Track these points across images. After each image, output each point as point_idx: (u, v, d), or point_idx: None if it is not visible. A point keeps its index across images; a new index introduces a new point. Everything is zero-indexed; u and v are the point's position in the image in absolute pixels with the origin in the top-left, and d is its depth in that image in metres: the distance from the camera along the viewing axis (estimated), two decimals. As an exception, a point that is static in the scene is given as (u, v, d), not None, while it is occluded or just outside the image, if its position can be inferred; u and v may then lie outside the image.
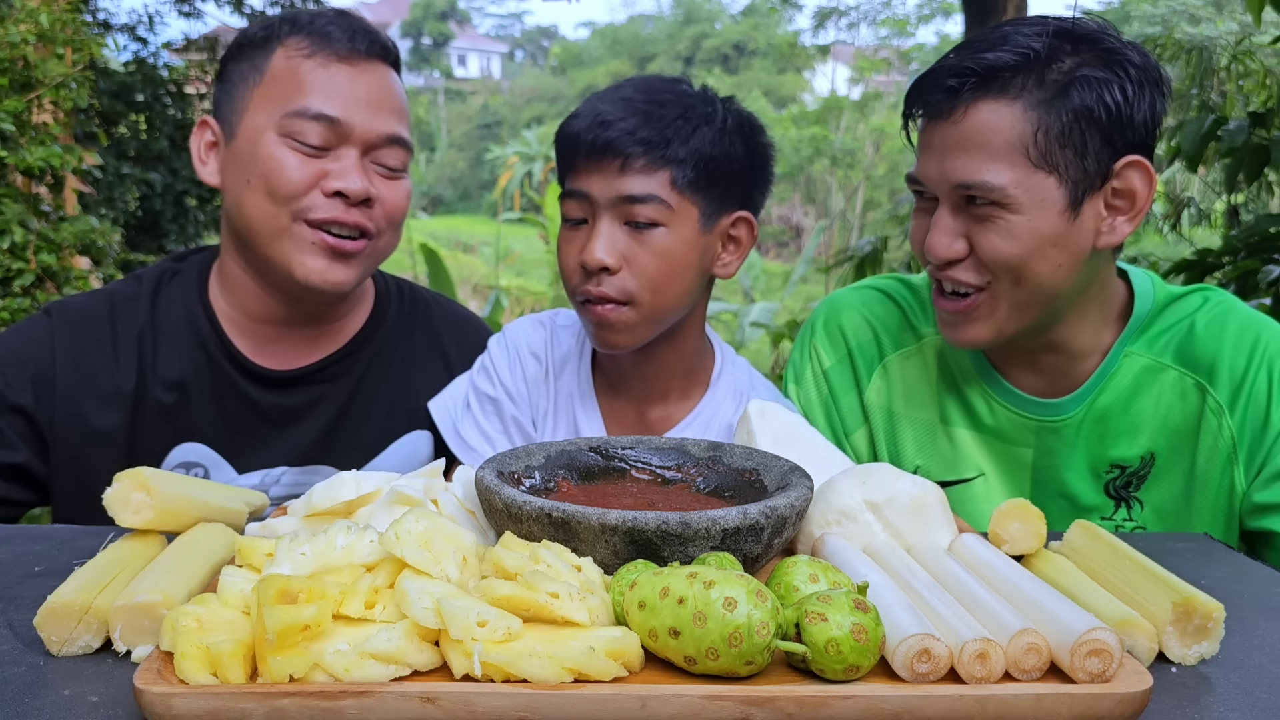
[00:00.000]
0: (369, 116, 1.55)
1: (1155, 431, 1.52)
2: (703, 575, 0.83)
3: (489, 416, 1.65)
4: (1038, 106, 1.35)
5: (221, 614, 0.84)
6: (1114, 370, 1.52)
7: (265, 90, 1.56)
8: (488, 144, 35.37)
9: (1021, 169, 1.36)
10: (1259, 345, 1.48)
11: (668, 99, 1.50)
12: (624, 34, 45.17)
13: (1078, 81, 1.34)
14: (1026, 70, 1.35)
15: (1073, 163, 1.36)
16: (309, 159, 1.53)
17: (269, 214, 1.54)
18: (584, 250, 1.49)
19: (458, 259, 18.69)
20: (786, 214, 25.52)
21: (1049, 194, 1.37)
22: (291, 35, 1.57)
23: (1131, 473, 1.54)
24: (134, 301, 1.65)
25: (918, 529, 1.08)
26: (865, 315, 1.70)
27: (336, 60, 1.56)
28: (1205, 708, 0.86)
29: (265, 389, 1.65)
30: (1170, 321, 1.53)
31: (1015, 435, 1.58)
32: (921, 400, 1.65)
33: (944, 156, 1.40)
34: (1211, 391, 1.49)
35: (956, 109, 1.38)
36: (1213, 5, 16.57)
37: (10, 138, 3.76)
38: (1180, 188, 7.67)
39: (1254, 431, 1.46)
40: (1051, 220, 1.37)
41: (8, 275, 3.71)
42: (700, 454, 1.21)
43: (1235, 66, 5.20)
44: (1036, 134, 1.34)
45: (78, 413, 1.58)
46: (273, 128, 1.54)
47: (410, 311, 1.81)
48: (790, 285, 12.86)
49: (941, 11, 30.81)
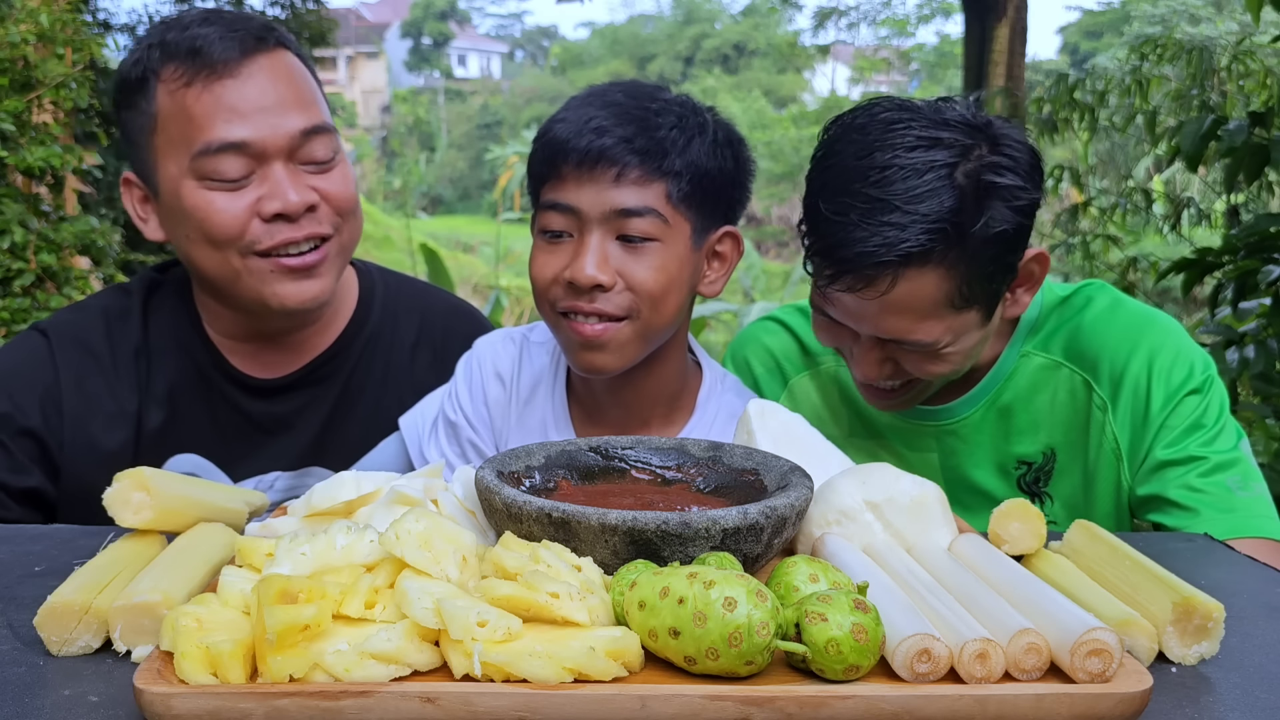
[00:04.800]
0: (275, 121, 1.46)
1: (1052, 428, 1.56)
2: (703, 575, 0.83)
3: (450, 441, 1.59)
4: (958, 264, 1.35)
5: (221, 614, 0.84)
6: (1012, 370, 1.56)
7: (163, 136, 1.48)
8: (488, 144, 35.37)
9: (948, 318, 1.39)
10: (1142, 339, 1.50)
11: (660, 106, 1.42)
12: (624, 34, 45.18)
13: (991, 233, 1.34)
14: (945, 242, 1.33)
15: (989, 290, 1.40)
16: (235, 193, 1.46)
17: (219, 261, 1.49)
18: (571, 267, 1.39)
19: (458, 259, 18.69)
20: (786, 214, 25.51)
21: (970, 322, 1.42)
22: (165, 64, 1.47)
23: (1038, 468, 1.58)
24: (127, 318, 1.62)
25: (918, 529, 1.08)
26: (766, 344, 1.75)
27: (217, 78, 1.45)
28: (1205, 708, 0.86)
29: (255, 397, 1.64)
30: (1062, 320, 1.57)
31: (918, 441, 1.63)
32: (826, 418, 1.70)
33: (866, 320, 1.40)
34: (1096, 388, 1.52)
35: (878, 288, 1.35)
36: (1213, 5, 16.57)
37: (10, 138, 3.76)
38: (1180, 188, 7.67)
39: (1135, 426, 1.49)
40: (974, 337, 1.45)
41: (8, 275, 3.71)
42: (700, 454, 1.21)
43: (1235, 66, 5.20)
44: (960, 287, 1.37)
45: (86, 435, 1.56)
46: (187, 174, 1.46)
47: (395, 301, 1.76)
48: (790, 285, 12.88)
49: (941, 11, 30.83)
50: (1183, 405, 1.47)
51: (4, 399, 1.54)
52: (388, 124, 41.37)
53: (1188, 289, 3.69)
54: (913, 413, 1.60)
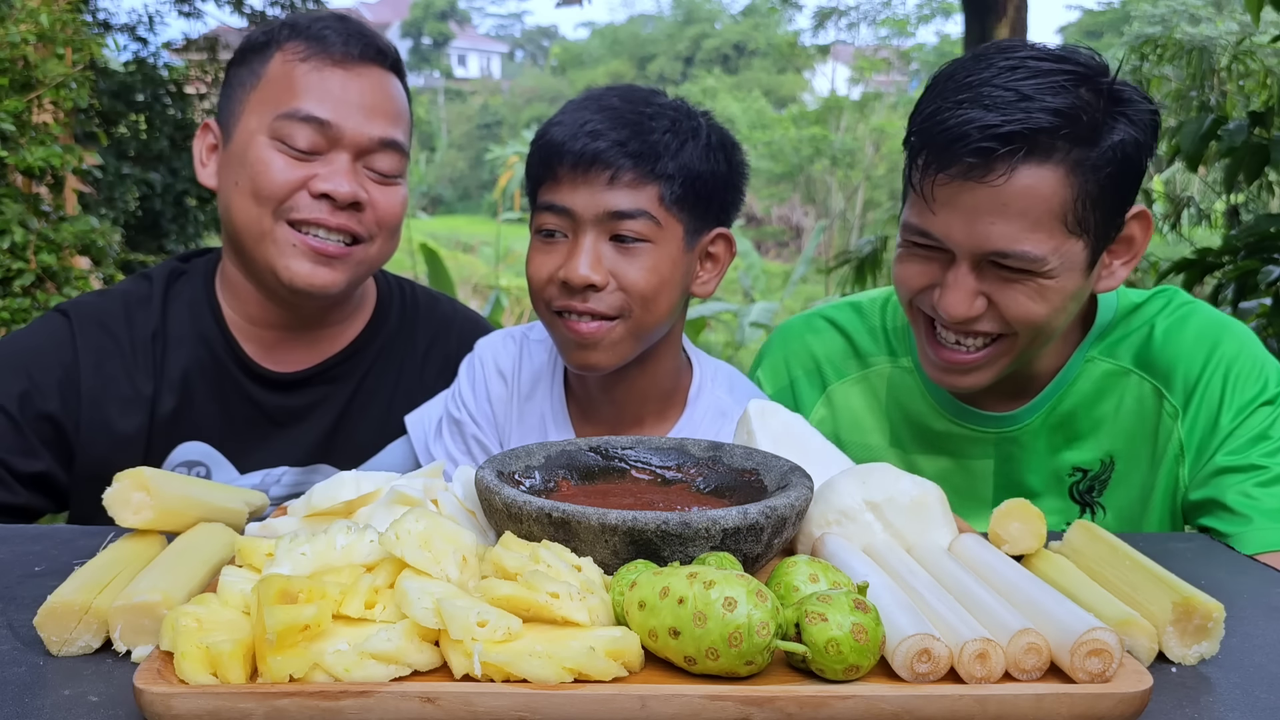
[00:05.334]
0: (361, 120, 1.54)
1: (1114, 435, 1.53)
2: (703, 575, 0.83)
3: (454, 439, 1.62)
4: (1078, 171, 1.30)
5: (221, 614, 0.84)
6: (1075, 376, 1.53)
7: (261, 94, 1.56)
8: (488, 144, 35.36)
9: (1058, 237, 1.32)
10: (1217, 348, 1.48)
11: (654, 110, 1.45)
12: (624, 34, 45.18)
13: (1116, 143, 1.31)
14: (1070, 133, 1.28)
15: (1100, 224, 1.35)
16: (297, 162, 1.53)
17: (253, 216, 1.54)
18: (565, 267, 1.43)
19: (458, 259, 18.69)
20: (786, 214, 25.53)
21: (1077, 257, 1.35)
22: (290, 40, 1.57)
23: (1093, 477, 1.55)
24: (146, 304, 1.65)
25: (918, 529, 1.08)
26: (809, 345, 1.69)
27: (331, 64, 1.55)
28: (1205, 708, 0.86)
29: (268, 390, 1.66)
30: (1132, 326, 1.53)
31: (974, 450, 1.58)
32: (868, 427, 1.65)
33: (975, 220, 1.32)
34: (1168, 396, 1.49)
35: (997, 172, 1.29)
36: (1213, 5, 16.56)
37: (10, 138, 3.77)
38: (1180, 188, 7.67)
39: (1203, 433, 1.47)
40: (1076, 280, 1.37)
41: (8, 275, 3.71)
42: (700, 454, 1.21)
43: (1235, 66, 5.20)
44: (1076, 201, 1.31)
45: (102, 418, 1.58)
46: (264, 130, 1.53)
47: (412, 312, 1.80)
48: (790, 285, 12.88)
49: (941, 11, 30.83)
50: (1254, 416, 1.45)
51: (24, 378, 1.56)
52: (388, 124, 41.24)
53: (1188, 289, 3.69)
54: (973, 419, 1.56)
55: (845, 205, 21.52)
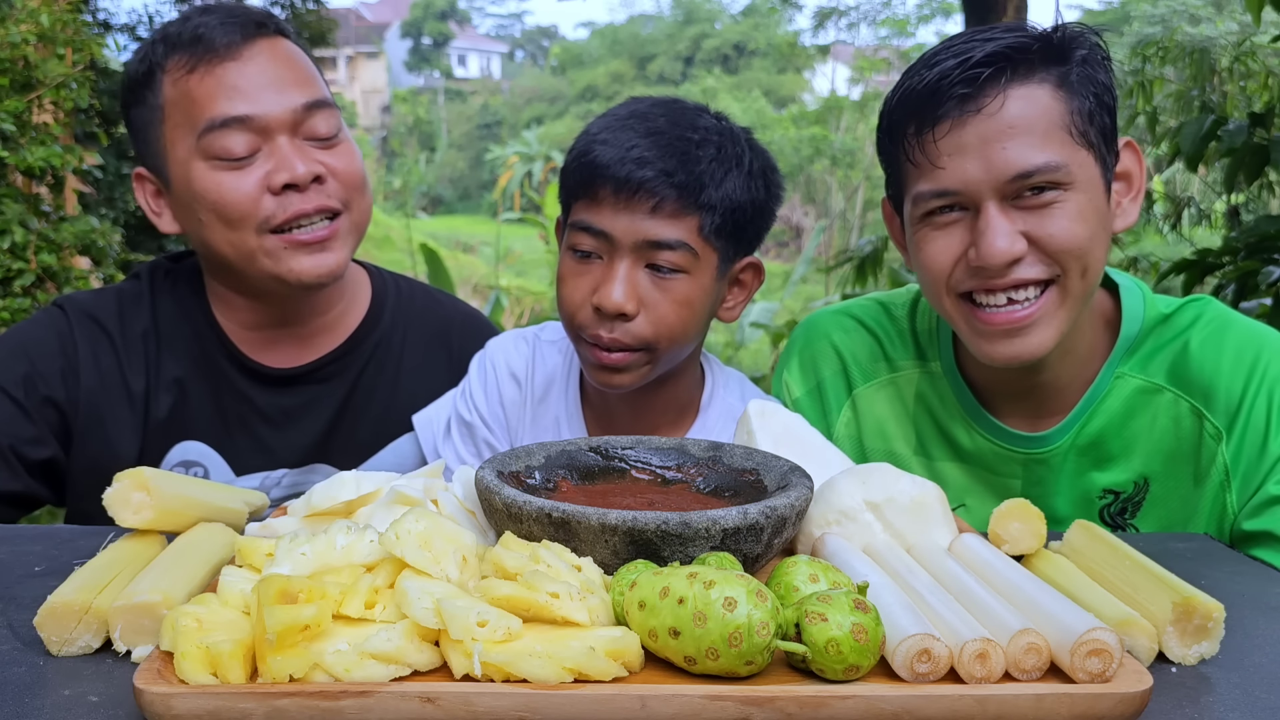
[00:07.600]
0: (276, 98, 1.51)
1: (1149, 455, 1.47)
2: (703, 575, 0.83)
3: (465, 441, 1.61)
4: (1064, 86, 1.33)
5: (221, 614, 0.84)
6: (1105, 393, 1.47)
7: (171, 123, 1.53)
8: (488, 144, 35.39)
9: (1069, 146, 1.33)
10: (1258, 366, 1.42)
11: (700, 137, 1.42)
12: (624, 34, 45.15)
13: (1088, 61, 1.35)
14: (1045, 51, 1.33)
15: (1099, 141, 1.35)
16: (243, 170, 1.50)
17: (235, 241, 1.52)
18: (599, 292, 1.41)
19: (458, 259, 18.69)
20: (786, 214, 25.52)
21: (1093, 171, 1.35)
22: (168, 56, 1.53)
23: (1126, 499, 1.49)
24: (138, 301, 1.65)
25: (918, 529, 1.08)
26: (836, 345, 1.65)
27: (218, 61, 1.51)
28: (1205, 708, 0.86)
29: (263, 388, 1.65)
30: (1164, 340, 1.47)
31: (1001, 467, 1.54)
32: (893, 433, 1.60)
33: (987, 151, 1.32)
34: (1209, 416, 1.43)
35: (989, 96, 1.32)
36: (1213, 5, 16.55)
37: (11, 138, 3.77)
38: (1180, 188, 7.67)
39: (1250, 458, 1.40)
40: (1100, 200, 1.36)
41: (8, 275, 3.71)
42: (700, 454, 1.21)
43: (1236, 67, 5.20)
44: (1073, 114, 1.33)
45: (99, 412, 1.58)
46: (196, 155, 1.50)
47: (408, 307, 1.78)
48: (790, 285, 12.85)
49: (941, 11, 30.82)
50: None
51: (27, 363, 1.56)
52: (388, 124, 41.37)
53: (1188, 290, 3.69)
54: (1002, 435, 1.52)
55: (845, 205, 21.51)
